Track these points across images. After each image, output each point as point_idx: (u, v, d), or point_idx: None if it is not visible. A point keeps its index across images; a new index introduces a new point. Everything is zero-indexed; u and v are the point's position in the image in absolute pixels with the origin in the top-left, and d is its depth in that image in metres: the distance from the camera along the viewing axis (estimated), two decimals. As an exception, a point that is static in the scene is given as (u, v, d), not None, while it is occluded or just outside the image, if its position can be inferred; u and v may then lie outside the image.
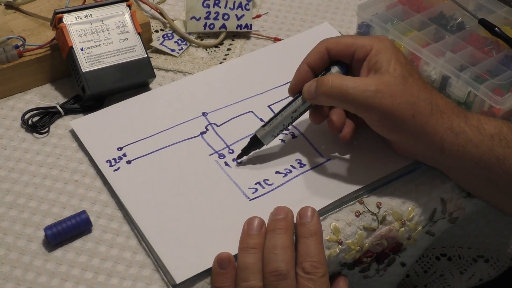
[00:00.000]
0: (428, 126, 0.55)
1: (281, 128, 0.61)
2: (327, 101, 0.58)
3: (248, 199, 0.59)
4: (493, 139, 0.56)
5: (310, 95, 0.59)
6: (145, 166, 0.62)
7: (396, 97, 0.55)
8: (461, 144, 0.55)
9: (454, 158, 0.56)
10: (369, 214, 0.59)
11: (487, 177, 0.57)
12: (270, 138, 0.61)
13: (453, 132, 0.56)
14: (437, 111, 0.56)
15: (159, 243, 0.55)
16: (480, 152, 0.55)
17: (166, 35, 0.77)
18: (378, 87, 0.55)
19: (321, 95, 0.57)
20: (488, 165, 0.56)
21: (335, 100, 0.57)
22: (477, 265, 0.71)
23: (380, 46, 0.58)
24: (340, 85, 0.56)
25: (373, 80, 0.56)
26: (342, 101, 0.57)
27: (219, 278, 0.53)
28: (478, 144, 0.55)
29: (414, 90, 0.56)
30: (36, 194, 0.60)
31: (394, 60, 0.57)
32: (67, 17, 0.67)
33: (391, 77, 0.56)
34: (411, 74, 0.57)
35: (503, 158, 0.55)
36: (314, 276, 0.52)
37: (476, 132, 0.56)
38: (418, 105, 0.55)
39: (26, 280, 0.54)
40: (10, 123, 0.67)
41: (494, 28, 0.71)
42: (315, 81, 0.58)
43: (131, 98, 0.69)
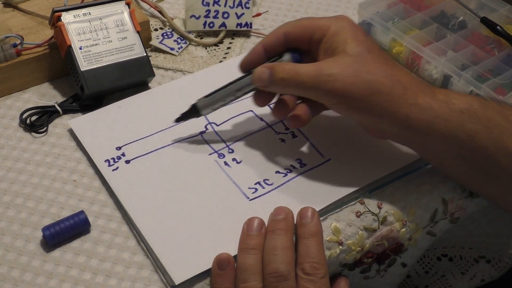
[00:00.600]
0: (389, 103, 0.53)
1: (222, 103, 0.61)
2: (280, 89, 0.57)
3: (248, 199, 0.59)
4: (463, 114, 0.53)
5: (262, 83, 0.57)
6: (144, 165, 0.61)
7: (350, 78, 0.53)
8: (428, 120, 0.53)
9: (422, 134, 0.54)
10: (369, 214, 0.59)
11: (458, 153, 0.54)
12: (209, 110, 0.61)
13: (418, 108, 0.53)
14: (398, 88, 0.54)
15: (158, 243, 0.55)
16: (449, 128, 0.53)
17: (166, 34, 0.77)
18: (331, 70, 0.54)
19: (274, 84, 0.56)
20: (458, 142, 0.54)
21: (289, 88, 0.56)
22: (478, 265, 0.71)
23: (337, 26, 0.57)
24: (293, 72, 0.55)
25: (326, 63, 0.55)
26: (296, 88, 0.56)
27: (219, 279, 0.53)
28: (447, 119, 0.53)
29: (373, 67, 0.54)
30: (34, 194, 0.60)
31: (351, 38, 0.55)
32: (65, 16, 0.67)
33: (347, 57, 0.54)
34: (370, 51, 0.55)
35: (473, 134, 0.53)
36: (314, 277, 0.52)
37: (445, 108, 0.53)
38: (377, 83, 0.53)
39: (24, 281, 0.54)
40: (8, 122, 0.67)
41: (496, 26, 0.71)
42: (267, 69, 0.57)
43: (130, 97, 0.68)
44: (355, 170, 0.61)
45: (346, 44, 0.55)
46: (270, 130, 0.65)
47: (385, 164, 0.61)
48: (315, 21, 0.58)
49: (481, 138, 0.53)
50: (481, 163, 0.54)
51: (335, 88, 0.54)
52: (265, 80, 0.57)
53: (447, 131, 0.53)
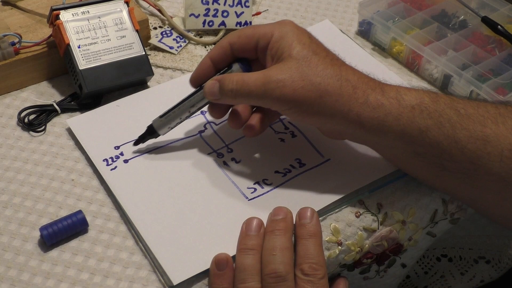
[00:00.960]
0: (340, 104, 0.53)
1: (178, 121, 0.61)
2: (231, 101, 0.57)
3: (247, 199, 0.58)
4: (414, 110, 0.53)
5: (213, 96, 0.57)
6: (142, 165, 0.61)
7: (297, 82, 0.53)
8: (380, 118, 0.53)
9: (375, 132, 0.54)
10: (369, 214, 0.58)
11: (412, 150, 0.54)
12: (167, 129, 0.61)
13: (370, 106, 0.53)
14: (348, 87, 0.53)
15: (156, 243, 0.55)
16: (401, 125, 0.53)
17: (165, 32, 0.76)
18: (278, 76, 0.53)
19: (225, 96, 0.56)
20: (411, 138, 0.53)
21: (239, 99, 0.56)
22: (478, 266, 0.71)
23: (281, 31, 0.56)
24: (241, 83, 0.55)
25: (273, 70, 0.54)
26: (246, 98, 0.56)
27: (217, 279, 0.52)
28: (398, 116, 0.53)
29: (320, 69, 0.54)
30: (32, 193, 0.59)
31: (296, 42, 0.55)
32: (64, 14, 0.66)
33: (293, 61, 0.54)
34: (316, 53, 0.55)
35: (425, 129, 0.53)
36: (313, 278, 0.52)
37: (396, 104, 0.53)
38: (325, 84, 0.53)
39: (21, 280, 0.53)
40: (6, 121, 0.66)
41: (497, 26, 0.70)
42: (216, 81, 0.57)
43: (129, 96, 0.68)
44: (355, 170, 0.60)
45: (292, 49, 0.55)
46: (270, 130, 0.65)
47: (385, 165, 0.60)
48: (258, 28, 0.58)
49: (433, 133, 0.53)
50: (435, 158, 0.54)
51: (284, 94, 0.53)
52: (215, 93, 0.57)
53: (399, 128, 0.53)
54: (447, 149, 0.53)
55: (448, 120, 0.53)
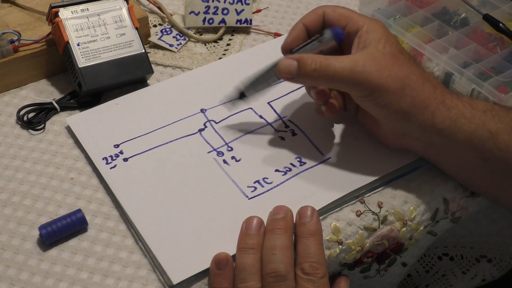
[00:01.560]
0: (420, 99, 0.54)
1: (266, 85, 0.60)
2: (311, 83, 0.57)
3: (247, 198, 0.58)
4: (486, 114, 0.54)
5: (289, 74, 0.56)
6: (142, 163, 0.61)
7: (384, 70, 0.54)
8: (453, 118, 0.54)
9: (446, 133, 0.54)
10: (370, 213, 0.58)
11: (480, 155, 0.55)
12: (253, 91, 0.61)
13: (445, 106, 0.54)
14: (429, 85, 0.55)
15: (156, 242, 0.54)
16: (472, 126, 0.54)
17: (165, 30, 0.76)
18: (365, 62, 0.54)
19: (306, 77, 0.56)
20: (481, 141, 0.54)
21: (320, 80, 0.56)
22: (479, 265, 0.70)
23: (373, 25, 0.57)
24: (327, 65, 0.54)
25: (360, 56, 0.55)
26: (329, 81, 0.55)
27: (217, 279, 0.52)
28: (470, 117, 0.54)
29: (405, 66, 0.55)
30: (31, 192, 0.59)
31: (384, 39, 0.56)
32: (63, 12, 0.66)
33: (380, 54, 0.55)
34: (401, 53, 0.56)
35: (496, 133, 0.54)
36: (313, 277, 0.52)
37: (469, 107, 0.55)
38: (409, 78, 0.54)
39: (20, 280, 0.53)
40: (5, 119, 0.66)
41: (499, 24, 0.70)
42: (294, 60, 0.56)
43: (129, 94, 0.68)
44: (355, 169, 0.60)
45: (379, 43, 0.55)
46: (270, 128, 0.64)
47: (386, 163, 0.60)
48: (352, 13, 0.58)
49: (503, 137, 0.54)
50: (503, 165, 0.54)
51: (371, 80, 0.54)
52: (292, 73, 0.56)
53: (470, 129, 0.54)
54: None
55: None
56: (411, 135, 0.57)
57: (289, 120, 0.65)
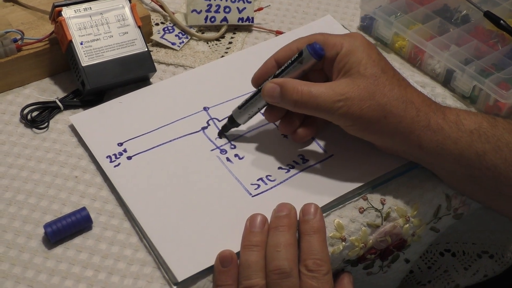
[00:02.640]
0: (402, 125, 0.54)
1: (256, 110, 0.61)
2: (293, 109, 0.57)
3: (251, 195, 0.58)
4: (473, 134, 0.54)
5: (272, 99, 0.57)
6: (146, 162, 0.61)
7: (365, 101, 0.54)
8: (439, 141, 0.54)
9: (433, 155, 0.55)
10: (373, 210, 0.58)
11: (469, 173, 0.56)
12: (247, 117, 0.62)
13: (430, 129, 0.54)
14: (411, 109, 0.54)
15: (161, 240, 0.55)
16: (459, 149, 0.54)
17: (167, 29, 0.76)
18: (346, 94, 0.54)
19: (288, 103, 0.56)
20: (468, 162, 0.55)
21: (302, 109, 0.56)
22: (481, 261, 0.71)
23: (351, 45, 0.56)
24: (308, 95, 0.55)
25: (342, 86, 0.55)
26: (311, 111, 0.56)
27: (221, 276, 0.52)
28: (456, 140, 0.54)
29: (387, 89, 0.55)
30: (35, 190, 0.59)
31: (366, 59, 0.55)
32: (66, 11, 0.66)
33: (361, 79, 0.55)
34: (384, 72, 0.56)
35: (483, 153, 0.54)
36: (317, 274, 0.52)
37: (455, 128, 0.54)
38: (390, 105, 0.54)
39: (25, 278, 0.53)
40: (9, 118, 0.66)
41: (500, 21, 0.70)
42: (277, 86, 0.56)
43: (132, 93, 0.68)
44: (358, 166, 0.60)
45: (361, 65, 0.55)
46: (273, 126, 0.64)
47: (388, 160, 0.60)
48: (328, 38, 0.58)
49: (490, 157, 0.54)
50: (492, 182, 0.55)
51: (351, 112, 0.54)
52: (275, 97, 0.57)
53: (457, 151, 0.54)
54: (503, 173, 0.54)
55: (506, 144, 0.54)
56: (401, 152, 0.58)
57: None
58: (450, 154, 0.55)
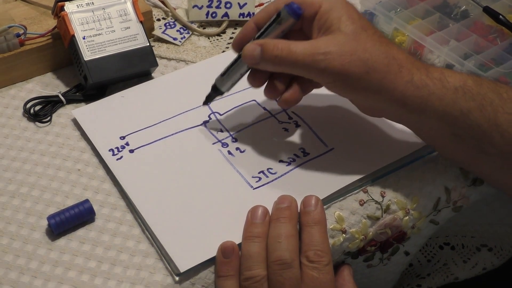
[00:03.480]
0: (386, 81, 0.53)
1: (239, 76, 0.60)
2: (272, 67, 0.56)
3: (252, 188, 0.59)
4: (457, 92, 0.53)
5: (252, 60, 0.56)
6: (148, 155, 0.62)
7: (346, 56, 0.53)
8: (423, 97, 0.53)
9: (417, 112, 0.54)
10: (373, 203, 0.59)
11: (452, 132, 0.54)
12: (230, 85, 0.61)
13: (414, 85, 0.53)
14: (394, 65, 0.53)
15: (163, 232, 0.55)
16: (443, 105, 0.53)
17: (168, 24, 0.77)
18: (327, 49, 0.53)
19: (267, 61, 0.55)
20: (453, 119, 0.54)
21: (282, 66, 0.55)
22: (480, 254, 0.71)
23: (330, 3, 0.56)
24: (287, 51, 0.54)
25: (322, 42, 0.54)
26: (291, 67, 0.55)
27: (223, 267, 0.53)
28: (441, 97, 0.53)
29: (368, 45, 0.54)
30: (38, 183, 0.60)
31: (345, 16, 0.55)
32: (68, 6, 0.67)
33: (342, 35, 0.54)
34: (364, 29, 0.55)
35: (467, 111, 0.53)
36: (318, 264, 0.52)
37: (439, 85, 0.53)
38: (373, 61, 0.53)
39: (29, 269, 0.54)
40: (12, 112, 0.67)
41: (499, 16, 0.71)
42: (258, 45, 0.55)
43: (134, 87, 0.68)
44: (358, 159, 0.61)
45: (341, 22, 0.54)
46: (273, 119, 0.65)
47: (388, 153, 0.61)
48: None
49: (475, 115, 0.53)
50: (475, 140, 0.54)
51: (332, 67, 0.53)
52: (256, 58, 0.56)
53: (441, 108, 0.53)
54: (487, 132, 0.53)
55: (490, 103, 0.53)
56: (386, 111, 0.57)
57: (293, 111, 0.66)
58: (435, 111, 0.54)
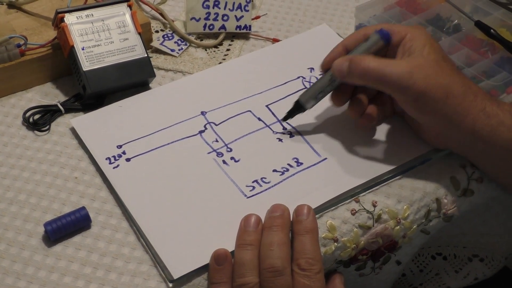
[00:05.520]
0: (461, 107, 0.56)
1: (323, 94, 0.63)
2: (359, 82, 0.59)
3: (246, 196, 0.60)
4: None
5: (341, 73, 0.60)
6: (144, 163, 0.63)
7: (430, 78, 0.56)
8: (493, 126, 0.56)
9: (485, 140, 0.57)
10: (364, 212, 0.60)
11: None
12: (312, 101, 0.63)
13: (486, 114, 0.56)
14: (470, 94, 0.57)
15: (157, 239, 0.56)
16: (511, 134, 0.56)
17: (166, 36, 0.78)
18: (412, 68, 0.56)
19: (356, 75, 0.58)
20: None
21: (370, 81, 0.58)
22: (472, 264, 0.72)
23: (415, 32, 0.60)
24: (377, 67, 0.57)
25: (408, 62, 0.58)
26: (377, 82, 0.58)
27: (216, 274, 0.54)
28: (510, 126, 0.56)
29: (448, 73, 0.57)
30: (36, 190, 0.61)
31: (428, 46, 0.59)
32: (68, 17, 0.68)
33: (425, 60, 0.57)
34: (444, 60, 0.59)
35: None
36: (309, 272, 0.53)
37: (509, 115, 0.57)
38: (452, 87, 0.56)
39: (26, 274, 0.55)
40: (12, 121, 0.68)
41: (490, 30, 0.72)
42: (346, 60, 0.59)
43: (131, 97, 0.69)
44: (351, 169, 0.62)
45: (424, 50, 0.58)
46: (268, 130, 0.66)
47: (380, 164, 0.62)
48: (393, 26, 0.61)
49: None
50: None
51: (416, 85, 0.56)
52: (344, 71, 0.59)
53: (509, 137, 0.56)
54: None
55: None
56: (454, 139, 0.60)
57: (287, 122, 0.67)
58: (503, 139, 0.56)
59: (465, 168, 0.63)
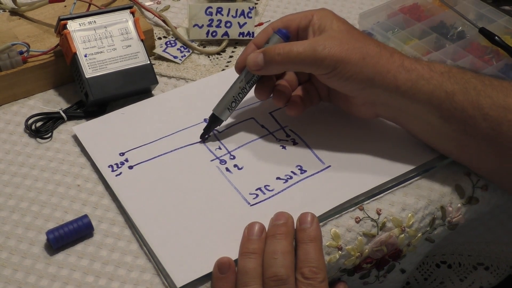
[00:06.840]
0: (379, 65, 0.58)
1: (234, 102, 0.64)
2: (278, 68, 0.61)
3: (249, 204, 0.59)
4: (443, 75, 0.57)
5: (257, 66, 0.61)
6: (147, 171, 0.62)
7: (344, 44, 0.58)
8: (413, 79, 0.57)
9: (408, 95, 0.58)
10: (369, 220, 0.59)
11: (440, 115, 0.58)
12: (227, 112, 0.64)
13: (405, 69, 0.58)
14: (386, 52, 0.59)
15: (160, 247, 0.56)
16: (431, 87, 0.57)
17: (169, 42, 0.78)
18: (325, 41, 0.58)
19: (272, 62, 0.60)
20: (439, 101, 0.57)
21: (286, 64, 0.60)
22: (477, 272, 0.72)
23: (321, 12, 0.62)
24: (290, 49, 0.58)
25: (320, 37, 0.59)
26: (294, 63, 0.59)
27: (219, 282, 0.53)
28: (429, 79, 0.57)
29: (360, 38, 0.59)
30: (38, 198, 0.61)
31: (336, 19, 0.61)
32: (71, 24, 0.68)
33: (335, 32, 0.59)
34: (354, 29, 0.61)
35: (452, 93, 0.57)
36: (313, 281, 0.53)
37: (427, 69, 0.58)
38: (367, 48, 0.58)
39: (28, 283, 0.54)
40: (14, 128, 0.68)
41: (494, 37, 0.72)
42: (259, 53, 0.60)
43: (134, 104, 0.69)
44: (355, 177, 0.61)
45: (333, 24, 0.60)
46: (271, 137, 0.66)
47: (384, 171, 0.62)
48: (299, 13, 0.63)
49: (459, 97, 0.57)
50: (460, 123, 0.57)
51: (332, 54, 0.57)
52: (260, 62, 0.60)
53: (429, 90, 0.57)
54: (471, 114, 0.56)
55: (473, 87, 0.57)
56: (380, 102, 0.60)
57: (290, 129, 0.66)
58: (423, 93, 0.57)
59: (470, 176, 0.63)
